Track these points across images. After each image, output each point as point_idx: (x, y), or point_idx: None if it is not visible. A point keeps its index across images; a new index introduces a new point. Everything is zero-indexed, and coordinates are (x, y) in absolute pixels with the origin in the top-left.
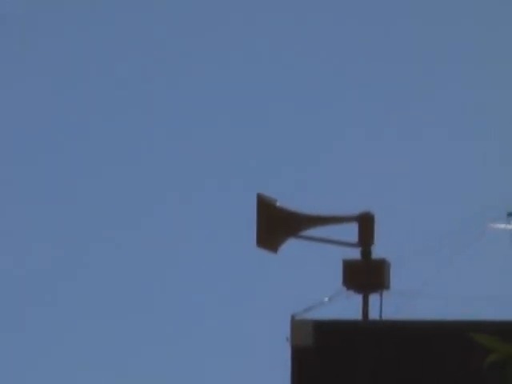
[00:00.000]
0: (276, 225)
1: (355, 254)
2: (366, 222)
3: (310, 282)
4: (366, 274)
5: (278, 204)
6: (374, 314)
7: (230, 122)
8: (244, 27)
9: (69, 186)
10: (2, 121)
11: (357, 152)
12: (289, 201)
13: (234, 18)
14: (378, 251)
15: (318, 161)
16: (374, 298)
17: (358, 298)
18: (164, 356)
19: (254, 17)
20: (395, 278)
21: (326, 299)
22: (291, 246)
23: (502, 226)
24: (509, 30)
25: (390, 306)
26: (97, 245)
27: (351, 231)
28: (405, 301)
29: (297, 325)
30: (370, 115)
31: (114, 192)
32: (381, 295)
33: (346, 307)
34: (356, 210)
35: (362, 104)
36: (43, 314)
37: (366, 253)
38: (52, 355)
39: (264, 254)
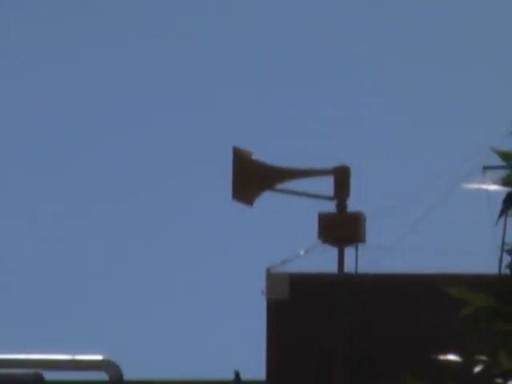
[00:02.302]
0: (252, 178)
1: (331, 207)
2: (341, 175)
3: (286, 236)
4: (342, 227)
5: (253, 157)
6: (349, 267)
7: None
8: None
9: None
10: None
11: (333, 104)
12: (264, 154)
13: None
14: (353, 205)
15: (294, 113)
16: (349, 252)
17: (333, 251)
18: (142, 309)
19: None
20: (371, 231)
21: (302, 252)
22: (267, 199)
23: (477, 179)
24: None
25: (366, 260)
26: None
27: (327, 184)
28: (380, 254)
29: (272, 278)
30: (349, 68)
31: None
32: (356, 248)
33: (322, 260)
34: (332, 162)
35: (342, 56)
36: None
37: (342, 206)
38: None
39: (240, 207)
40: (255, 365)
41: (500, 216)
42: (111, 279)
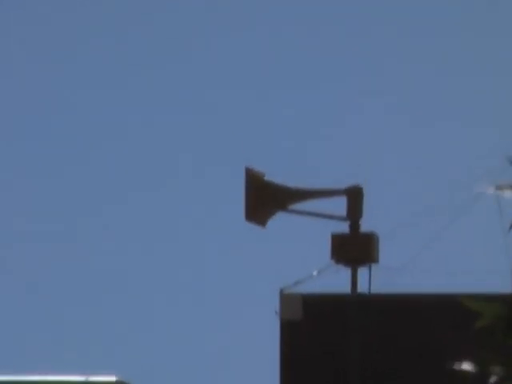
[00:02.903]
0: (264, 199)
1: (344, 227)
2: (354, 196)
3: (299, 256)
4: (355, 248)
5: (266, 178)
6: (362, 288)
7: (216, 97)
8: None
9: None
10: None
11: (345, 125)
12: (277, 174)
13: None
14: (366, 225)
15: (306, 134)
16: (362, 272)
17: (346, 272)
18: (155, 330)
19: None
20: (384, 251)
21: (315, 273)
22: (280, 220)
23: (490, 198)
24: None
25: (379, 280)
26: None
27: (340, 205)
28: (393, 274)
29: (286, 299)
30: (357, 91)
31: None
32: (369, 269)
33: (335, 281)
34: (345, 183)
35: (349, 80)
36: None
37: (355, 226)
38: None
39: (252, 227)
40: None
41: None
42: (125, 300)
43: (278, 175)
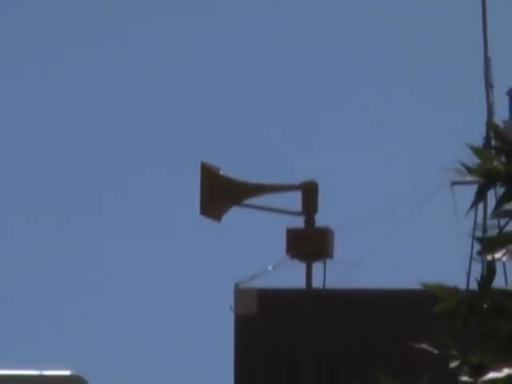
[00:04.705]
0: (219, 193)
1: (299, 222)
2: (309, 191)
3: (254, 251)
4: (310, 243)
5: (221, 172)
6: (317, 283)
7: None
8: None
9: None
10: None
11: (301, 120)
12: (232, 169)
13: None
14: (321, 220)
15: (261, 129)
16: (317, 267)
17: (301, 267)
18: (109, 323)
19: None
20: (339, 246)
21: (270, 268)
22: (235, 215)
23: (445, 194)
24: None
25: (334, 275)
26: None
27: (295, 200)
28: (348, 269)
29: (240, 293)
30: (312, 84)
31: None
32: (324, 264)
33: (290, 276)
34: (299, 178)
35: (310, 72)
36: None
37: (310, 221)
38: None
39: (208, 222)
40: (223, 381)
41: (471, 208)
42: (80, 294)
43: (234, 170)
